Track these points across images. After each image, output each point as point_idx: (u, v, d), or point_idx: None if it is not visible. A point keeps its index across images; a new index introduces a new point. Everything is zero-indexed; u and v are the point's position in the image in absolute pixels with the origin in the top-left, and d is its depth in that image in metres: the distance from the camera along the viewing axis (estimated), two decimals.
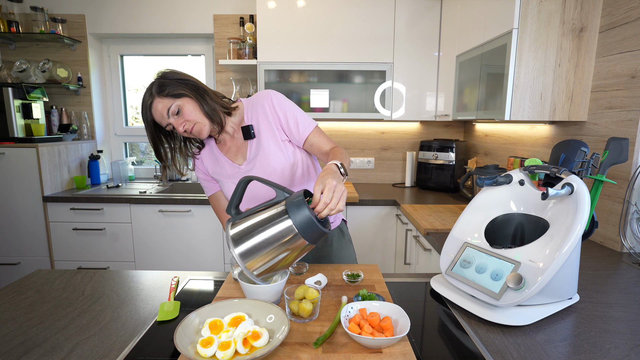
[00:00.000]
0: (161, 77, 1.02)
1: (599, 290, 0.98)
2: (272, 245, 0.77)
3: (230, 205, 0.85)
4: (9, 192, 2.28)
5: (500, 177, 0.95)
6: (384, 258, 2.32)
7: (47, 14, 2.55)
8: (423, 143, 2.58)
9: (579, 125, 1.53)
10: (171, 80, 1.01)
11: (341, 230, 1.29)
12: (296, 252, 0.79)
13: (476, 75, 1.78)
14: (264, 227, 0.78)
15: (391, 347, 0.69)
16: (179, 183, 2.79)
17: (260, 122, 1.11)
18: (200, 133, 1.05)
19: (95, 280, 1.03)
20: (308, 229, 0.77)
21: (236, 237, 0.79)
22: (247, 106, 1.14)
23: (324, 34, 2.34)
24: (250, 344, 0.67)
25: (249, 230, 0.79)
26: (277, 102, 1.10)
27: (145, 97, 1.01)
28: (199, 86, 1.05)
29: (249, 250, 0.78)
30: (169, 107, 1.00)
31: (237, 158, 1.14)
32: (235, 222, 0.82)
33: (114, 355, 0.70)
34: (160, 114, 1.00)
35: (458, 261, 0.91)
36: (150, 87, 1.01)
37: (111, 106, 2.93)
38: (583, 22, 1.43)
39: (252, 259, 0.78)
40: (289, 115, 1.10)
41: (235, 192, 0.85)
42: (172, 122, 1.01)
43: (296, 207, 0.77)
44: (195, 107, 1.03)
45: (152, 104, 1.00)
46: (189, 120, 1.02)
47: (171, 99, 1.00)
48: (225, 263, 2.36)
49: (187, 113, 1.01)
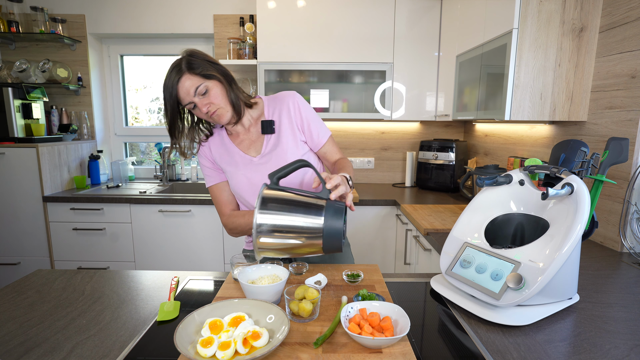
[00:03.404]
0: (190, 54, 1.02)
1: (599, 290, 0.98)
2: (291, 227, 0.76)
3: (275, 174, 0.85)
4: (9, 192, 2.28)
5: (500, 177, 0.95)
6: (384, 258, 2.32)
7: (47, 14, 2.55)
8: (423, 143, 2.58)
9: (579, 125, 1.53)
10: (202, 60, 1.02)
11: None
12: (304, 249, 0.79)
13: (476, 75, 1.78)
14: (296, 207, 0.78)
15: (391, 347, 0.69)
16: (179, 183, 2.79)
17: (283, 119, 1.13)
18: (221, 118, 1.05)
19: (95, 280, 1.03)
20: (332, 235, 0.77)
21: (266, 200, 0.78)
22: (268, 103, 1.16)
23: (324, 34, 2.34)
24: (250, 344, 0.67)
25: (281, 200, 0.78)
26: (302, 104, 1.15)
27: (172, 71, 1.00)
28: (227, 73, 1.06)
29: (270, 218, 0.76)
30: (198, 86, 1.00)
31: (249, 150, 1.15)
32: (273, 188, 0.82)
33: (114, 355, 0.70)
34: (187, 90, 1.00)
35: (458, 261, 0.91)
36: (178, 63, 1.01)
37: (111, 106, 2.93)
38: (583, 22, 1.43)
39: (267, 227, 0.76)
40: (310, 119, 1.15)
41: (287, 167, 0.85)
42: (197, 101, 1.01)
43: (335, 211, 0.78)
44: (222, 91, 1.04)
45: (180, 79, 1.00)
46: (213, 103, 1.02)
47: (201, 78, 1.00)
48: (225, 263, 2.36)
49: (213, 96, 1.02)
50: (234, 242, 2.32)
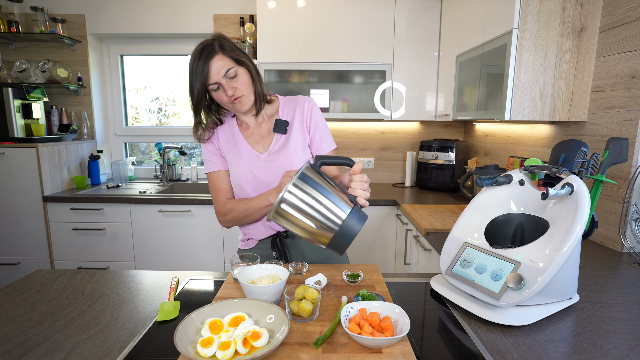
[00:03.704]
0: (222, 38, 1.04)
1: (599, 290, 0.98)
2: (314, 210, 0.79)
3: (322, 158, 0.86)
4: (9, 192, 2.28)
5: (500, 177, 0.95)
6: (384, 258, 2.32)
7: (47, 14, 2.55)
8: (423, 143, 2.58)
9: (579, 125, 1.53)
10: (233, 46, 1.04)
11: None
12: (312, 235, 0.82)
13: (476, 75, 1.78)
14: (327, 196, 0.80)
15: (391, 347, 0.69)
16: (179, 183, 2.79)
17: (295, 121, 1.15)
18: (242, 105, 1.06)
19: (95, 280, 1.03)
20: (345, 235, 0.80)
21: (305, 176, 0.81)
22: (283, 103, 1.18)
23: (324, 34, 2.34)
24: (250, 344, 0.67)
25: (317, 183, 0.81)
26: (316, 110, 1.17)
27: (204, 48, 1.01)
28: (254, 64, 1.09)
29: (300, 194, 0.79)
30: (229, 68, 1.01)
31: (257, 146, 1.15)
32: (314, 169, 0.84)
33: (114, 355, 0.70)
34: (217, 70, 1.00)
35: (458, 261, 0.91)
36: (210, 43, 1.01)
37: (111, 106, 2.93)
38: (583, 22, 1.43)
39: (293, 199, 0.80)
40: (319, 126, 1.17)
41: (334, 157, 0.87)
42: (224, 83, 1.02)
43: (359, 217, 0.81)
44: (249, 80, 1.06)
45: (214, 57, 1.00)
46: (239, 88, 1.03)
47: (233, 61, 1.02)
48: (225, 263, 2.36)
49: (241, 82, 1.03)
50: (234, 242, 2.32)
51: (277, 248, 1.18)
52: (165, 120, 3.05)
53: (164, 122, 3.05)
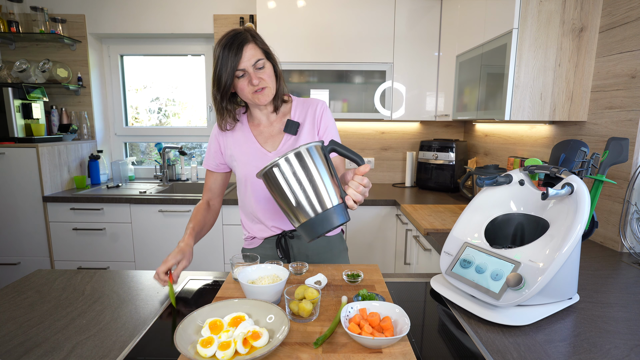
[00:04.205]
0: (253, 29, 1.07)
1: (599, 290, 0.98)
2: (296, 188, 0.80)
3: (334, 144, 0.87)
4: (9, 192, 2.28)
5: (500, 177, 0.95)
6: (384, 258, 2.32)
7: (47, 14, 2.55)
8: (423, 143, 2.58)
9: (579, 125, 1.53)
10: (263, 40, 1.07)
11: (341, 238, 1.31)
12: (288, 210, 0.82)
13: (476, 75, 1.78)
14: (316, 181, 0.81)
15: (391, 347, 0.69)
16: (179, 183, 2.79)
17: (306, 123, 1.16)
18: (264, 97, 1.07)
19: (95, 280, 1.03)
20: (312, 228, 0.80)
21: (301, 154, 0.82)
22: (296, 104, 1.19)
23: (324, 34, 2.34)
24: (250, 344, 0.67)
25: (311, 165, 0.81)
26: (327, 114, 1.18)
27: (236, 35, 1.01)
28: (279, 63, 1.12)
29: (288, 168, 0.81)
30: (259, 58, 1.03)
31: (266, 144, 1.16)
32: (321, 150, 0.85)
33: (114, 355, 0.70)
34: (249, 57, 1.02)
35: (458, 261, 0.91)
36: (242, 31, 1.03)
37: (111, 106, 2.93)
38: (583, 22, 1.43)
39: (282, 168, 0.81)
40: (329, 129, 1.17)
41: (346, 149, 0.87)
42: (251, 71, 1.03)
43: (342, 212, 0.81)
44: (274, 75, 1.09)
45: (247, 44, 1.01)
46: (265, 79, 1.05)
47: (263, 53, 1.05)
48: (225, 263, 2.36)
49: (267, 74, 1.05)
50: (234, 242, 2.32)
51: (281, 248, 1.19)
52: (165, 120, 3.05)
53: (164, 122, 3.05)
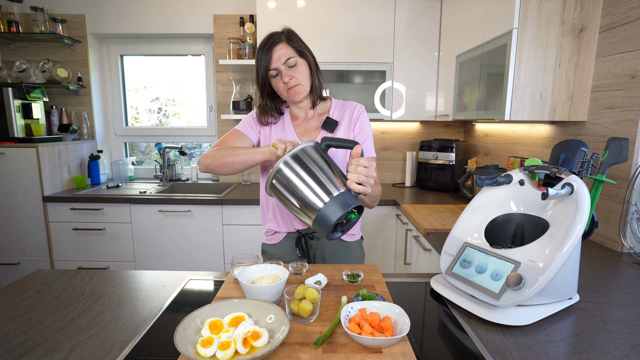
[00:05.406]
0: (290, 30, 1.10)
1: (599, 290, 0.98)
2: (298, 190, 0.82)
3: (327, 140, 0.88)
4: (9, 192, 2.28)
5: (500, 177, 0.95)
6: (384, 258, 2.32)
7: (47, 14, 2.55)
8: (423, 143, 2.58)
9: (579, 125, 1.53)
10: (299, 39, 1.11)
11: (360, 245, 1.31)
12: (300, 213, 0.84)
13: (476, 75, 1.78)
14: (315, 178, 0.82)
15: (391, 347, 0.69)
16: (179, 183, 2.79)
17: (343, 123, 1.18)
18: (297, 95, 1.10)
19: (95, 280, 1.03)
20: (322, 222, 0.81)
21: (297, 156, 0.83)
22: (336, 105, 1.22)
23: (324, 34, 2.34)
24: (250, 344, 0.67)
25: (308, 164, 0.83)
26: (364, 117, 1.20)
27: (271, 36, 1.08)
28: (316, 60, 1.16)
29: (288, 172, 0.82)
30: (290, 57, 1.07)
31: (302, 137, 1.19)
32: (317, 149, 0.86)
33: (114, 355, 0.70)
34: (279, 56, 1.06)
35: (458, 261, 0.91)
36: (278, 33, 1.09)
37: (111, 106, 2.93)
38: (583, 22, 1.43)
39: (282, 175, 0.83)
40: (364, 131, 1.18)
41: (341, 140, 0.88)
42: (282, 70, 1.07)
43: (344, 201, 0.81)
44: (308, 72, 1.12)
45: (278, 44, 1.06)
46: (296, 77, 1.08)
47: (295, 51, 1.08)
48: (225, 263, 2.36)
49: (299, 71, 1.09)
50: (234, 242, 2.32)
51: (301, 247, 1.20)
52: (165, 120, 3.05)
53: (164, 122, 3.05)
